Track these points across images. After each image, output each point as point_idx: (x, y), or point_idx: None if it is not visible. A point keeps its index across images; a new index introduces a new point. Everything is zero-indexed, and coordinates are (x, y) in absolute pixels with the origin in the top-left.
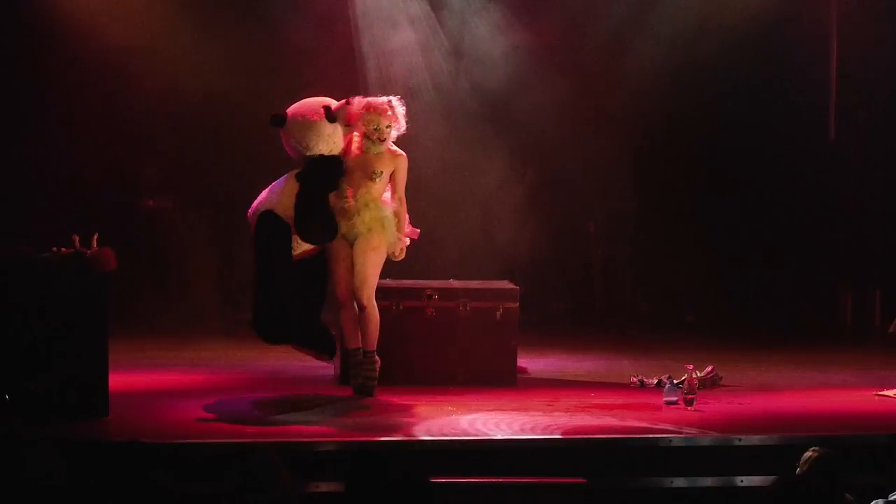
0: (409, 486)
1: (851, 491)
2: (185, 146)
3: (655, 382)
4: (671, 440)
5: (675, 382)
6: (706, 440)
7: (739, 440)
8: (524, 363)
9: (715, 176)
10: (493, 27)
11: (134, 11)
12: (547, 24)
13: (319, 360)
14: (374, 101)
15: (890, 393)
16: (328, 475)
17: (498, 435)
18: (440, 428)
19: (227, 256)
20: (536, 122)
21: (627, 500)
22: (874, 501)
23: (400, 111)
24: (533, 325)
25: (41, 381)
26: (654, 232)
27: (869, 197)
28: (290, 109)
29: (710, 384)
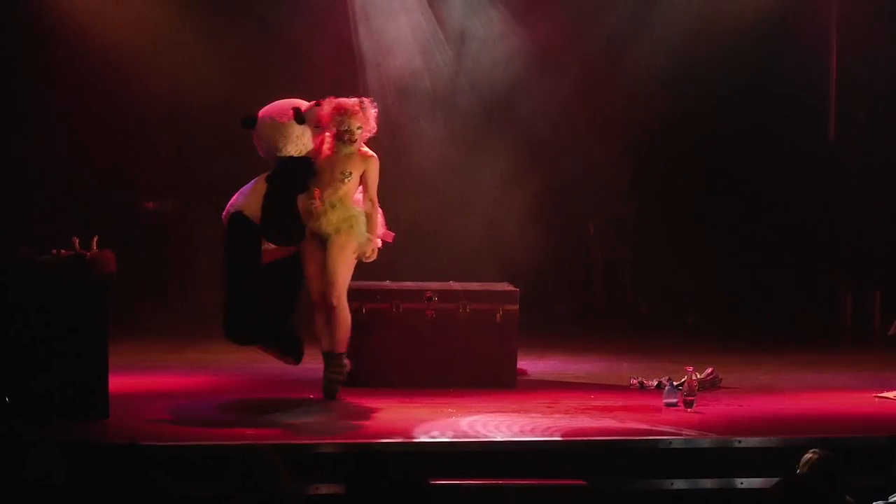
0: (409, 487)
1: (852, 493)
2: (185, 147)
3: (655, 384)
4: (671, 442)
5: (674, 384)
6: (706, 442)
7: (739, 442)
8: (524, 365)
9: (715, 176)
10: (493, 28)
11: (134, 12)
12: (547, 24)
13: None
14: (344, 101)
15: (890, 395)
16: (328, 477)
17: (498, 437)
18: (440, 430)
19: None
20: (536, 123)
21: (627, 502)
22: (874, 503)
23: (370, 112)
24: (533, 326)
25: (42, 382)
26: (654, 233)
27: (869, 197)
28: (261, 111)
29: (709, 386)
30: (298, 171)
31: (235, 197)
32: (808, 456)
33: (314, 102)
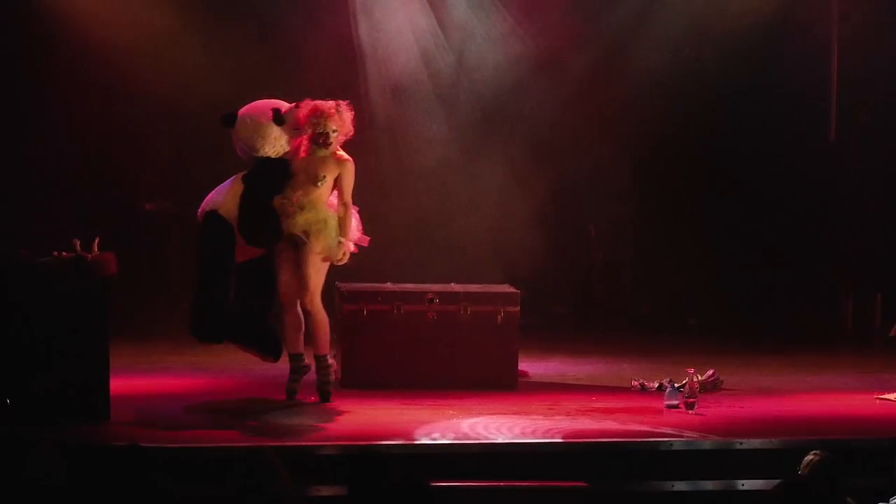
0: (409, 489)
1: (853, 494)
2: (185, 148)
3: (656, 386)
4: (672, 444)
5: (676, 386)
6: (707, 444)
7: (741, 444)
8: (525, 367)
9: (715, 176)
10: (494, 29)
11: (134, 13)
12: (547, 24)
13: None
14: (320, 104)
15: (891, 396)
16: (329, 479)
17: (499, 438)
18: (441, 431)
19: None
20: (537, 125)
21: (628, 503)
22: None
23: (347, 116)
24: (534, 328)
25: (43, 383)
26: (654, 234)
27: (869, 197)
28: (241, 109)
29: (711, 388)
30: (275, 172)
31: (211, 195)
32: (809, 457)
33: (294, 104)
